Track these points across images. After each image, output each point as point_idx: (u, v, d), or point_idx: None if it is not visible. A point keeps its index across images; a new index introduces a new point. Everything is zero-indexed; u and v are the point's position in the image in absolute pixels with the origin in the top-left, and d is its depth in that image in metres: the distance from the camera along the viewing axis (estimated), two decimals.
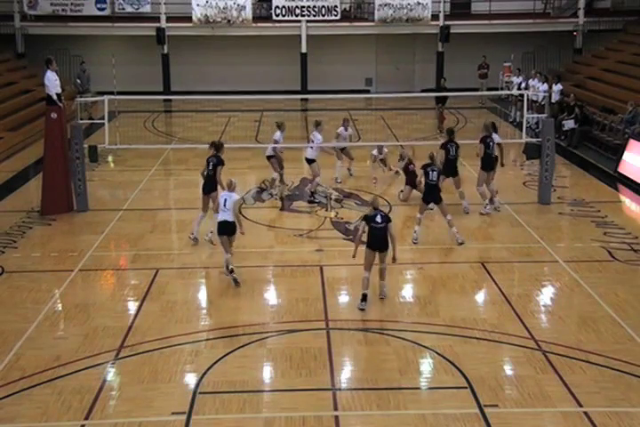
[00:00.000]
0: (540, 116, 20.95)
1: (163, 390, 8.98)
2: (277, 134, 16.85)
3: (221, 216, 12.15)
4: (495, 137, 16.17)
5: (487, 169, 15.63)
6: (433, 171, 13.78)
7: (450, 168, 15.53)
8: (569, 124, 22.27)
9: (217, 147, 14.18)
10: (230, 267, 12.13)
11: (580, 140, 22.01)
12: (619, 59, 27.66)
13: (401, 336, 10.26)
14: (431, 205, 14.19)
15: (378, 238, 11.30)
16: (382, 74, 33.93)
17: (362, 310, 11.16)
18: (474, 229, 14.75)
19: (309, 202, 16.57)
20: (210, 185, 13.82)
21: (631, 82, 24.30)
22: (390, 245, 11.31)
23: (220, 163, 13.88)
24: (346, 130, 18.46)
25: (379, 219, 11.31)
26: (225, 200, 12.09)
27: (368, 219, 11.41)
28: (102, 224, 15.15)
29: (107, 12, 30.77)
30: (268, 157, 17.11)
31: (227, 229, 12.13)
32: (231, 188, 12.25)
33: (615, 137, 20.84)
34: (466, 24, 31.70)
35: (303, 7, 31.04)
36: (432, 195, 13.77)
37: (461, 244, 13.73)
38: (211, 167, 13.82)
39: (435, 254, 13.58)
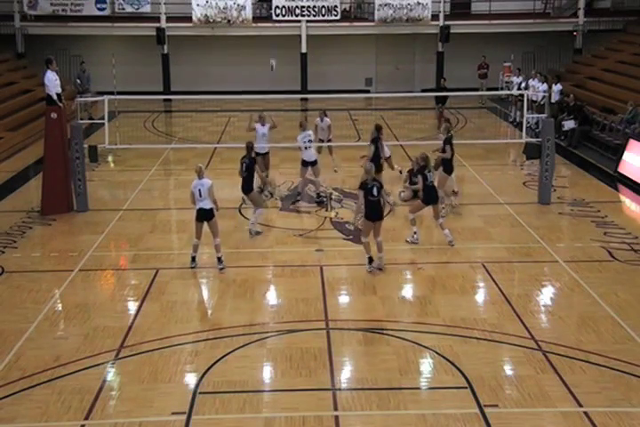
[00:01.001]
0: (539, 116, 20.95)
1: (163, 390, 8.98)
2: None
3: (199, 205, 12.52)
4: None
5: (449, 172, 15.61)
6: (430, 173, 13.75)
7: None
8: (569, 124, 22.27)
9: (248, 148, 14.46)
10: (219, 256, 12.69)
11: (579, 140, 22.02)
12: (619, 59, 27.66)
13: (401, 336, 10.26)
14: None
15: (374, 210, 12.47)
16: (382, 74, 33.94)
17: (370, 272, 12.41)
18: (474, 229, 14.75)
19: (317, 203, 16.45)
20: (247, 185, 14.31)
21: (631, 82, 24.30)
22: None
23: (253, 163, 14.32)
24: (322, 121, 18.55)
25: (375, 192, 12.35)
26: (199, 190, 12.41)
27: (366, 190, 12.36)
28: (102, 224, 15.15)
29: (107, 12, 30.78)
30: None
31: (205, 216, 12.57)
32: (200, 174, 12.54)
33: (615, 137, 20.84)
34: (466, 24, 31.71)
35: (303, 7, 31.05)
36: (432, 196, 13.78)
37: (452, 244, 13.70)
38: (245, 169, 14.19)
39: (435, 254, 13.57)
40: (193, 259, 12.85)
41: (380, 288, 11.93)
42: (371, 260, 12.58)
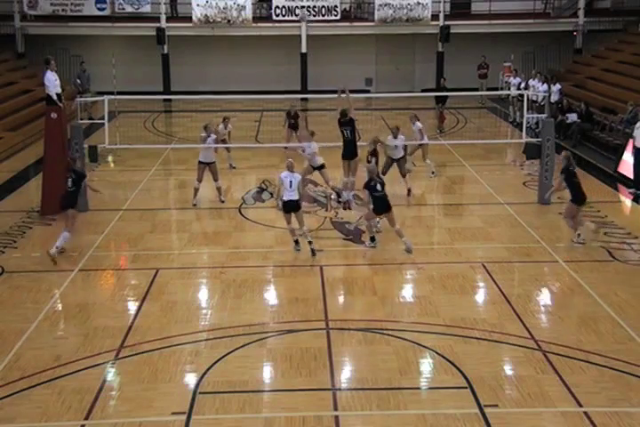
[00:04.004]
0: (539, 116, 20.96)
1: (163, 390, 8.97)
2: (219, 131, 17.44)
3: (288, 196, 13.31)
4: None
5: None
6: (377, 184, 13.42)
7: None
8: (572, 117, 22.34)
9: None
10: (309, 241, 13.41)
11: (580, 138, 22.03)
12: (619, 59, 27.66)
13: (401, 336, 10.26)
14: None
15: (381, 204, 13.36)
16: (382, 74, 33.93)
17: (373, 247, 13.54)
18: (474, 229, 14.76)
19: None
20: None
21: (631, 82, 24.31)
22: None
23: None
24: (225, 127, 18.85)
25: (379, 187, 13.31)
26: (290, 182, 13.24)
27: (370, 188, 13.33)
28: (102, 224, 15.15)
29: (107, 12, 30.77)
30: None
31: (293, 207, 13.41)
32: (291, 168, 13.46)
33: (615, 137, 20.84)
34: (466, 24, 31.71)
35: (303, 7, 31.04)
36: (383, 206, 13.45)
37: (409, 252, 13.39)
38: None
39: (435, 254, 13.57)
40: (297, 242, 13.57)
41: (380, 288, 11.94)
42: (373, 238, 13.66)
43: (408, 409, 8.52)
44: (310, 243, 13.38)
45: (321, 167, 16.57)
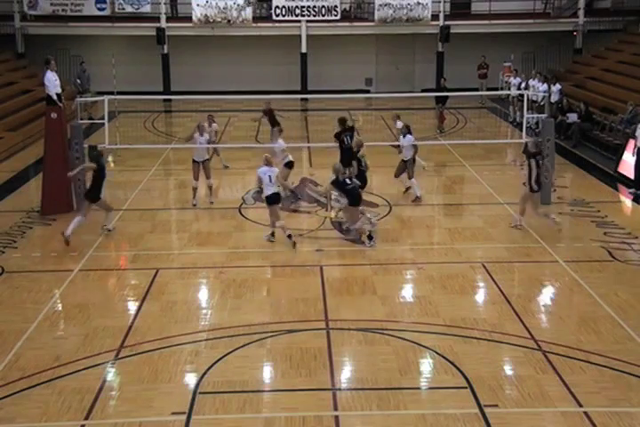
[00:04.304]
0: (540, 116, 20.97)
1: (163, 390, 8.97)
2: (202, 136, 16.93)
3: (270, 190, 13.88)
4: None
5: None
6: (344, 179, 13.90)
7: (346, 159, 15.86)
8: (572, 117, 22.35)
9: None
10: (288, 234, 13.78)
11: (580, 138, 22.04)
12: (619, 59, 27.67)
13: (401, 336, 10.26)
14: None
15: (356, 196, 13.83)
16: (382, 74, 33.94)
17: (373, 246, 13.67)
18: (474, 229, 14.75)
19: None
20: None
21: (631, 82, 24.31)
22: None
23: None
24: (209, 125, 18.61)
25: (348, 181, 13.81)
26: (269, 176, 13.72)
27: (339, 185, 13.80)
28: (102, 224, 15.13)
29: (107, 12, 30.78)
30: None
31: (276, 200, 14.11)
32: (269, 162, 13.90)
33: (615, 137, 20.84)
34: (466, 24, 31.72)
35: (303, 7, 31.04)
36: (357, 198, 14.01)
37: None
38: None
39: (435, 254, 13.58)
40: (272, 234, 14.10)
41: (380, 288, 11.94)
42: (371, 237, 13.80)
43: (408, 409, 8.52)
44: (290, 236, 13.74)
45: (289, 165, 16.63)
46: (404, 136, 16.57)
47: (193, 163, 16.52)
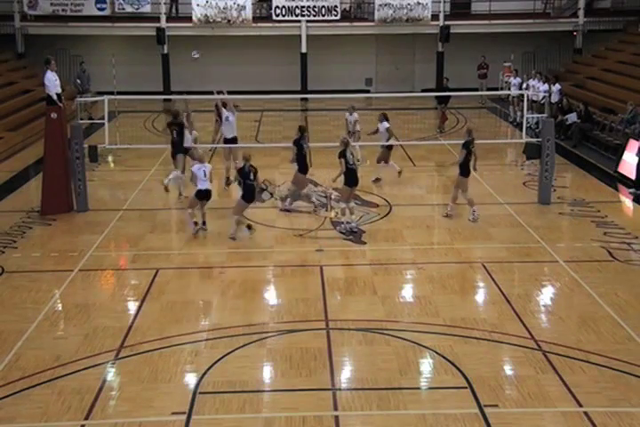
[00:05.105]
0: (540, 116, 20.96)
1: (163, 390, 8.98)
2: (194, 133, 17.30)
3: (203, 185, 14.20)
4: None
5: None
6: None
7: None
8: (572, 117, 22.35)
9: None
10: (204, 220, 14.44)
11: (580, 138, 22.04)
12: (619, 59, 27.66)
13: (401, 336, 10.26)
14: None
15: (353, 176, 14.46)
16: (382, 74, 33.93)
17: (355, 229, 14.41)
18: (474, 229, 14.75)
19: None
20: None
21: (631, 82, 24.30)
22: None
23: None
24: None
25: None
26: (204, 171, 14.07)
27: (344, 156, 14.29)
28: (102, 224, 15.14)
29: (107, 12, 30.76)
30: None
31: (207, 196, 14.47)
32: (202, 159, 14.65)
33: (615, 137, 20.84)
34: (466, 24, 31.71)
35: (303, 7, 31.03)
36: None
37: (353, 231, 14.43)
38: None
39: (435, 254, 13.58)
40: (196, 223, 14.49)
41: (380, 288, 11.94)
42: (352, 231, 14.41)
43: (408, 409, 8.52)
44: (204, 223, 14.52)
45: (232, 141, 17.25)
46: (380, 122, 18.35)
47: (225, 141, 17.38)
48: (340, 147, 14.68)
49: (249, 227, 14.25)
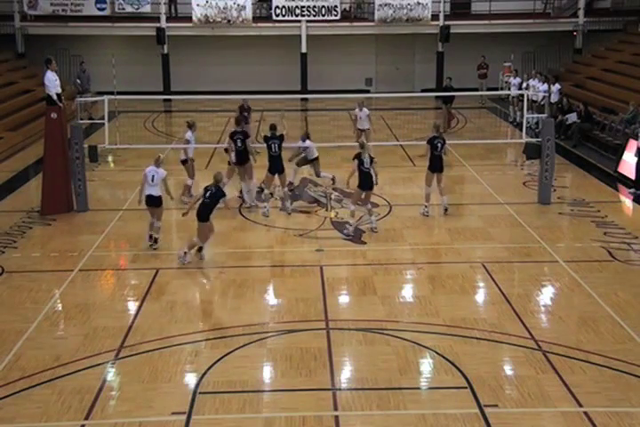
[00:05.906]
0: (540, 116, 20.95)
1: (163, 390, 8.98)
2: (189, 134, 16.63)
3: (149, 191, 13.58)
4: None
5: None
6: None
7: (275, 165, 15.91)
8: (572, 117, 22.35)
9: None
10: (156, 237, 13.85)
11: (580, 138, 22.04)
12: (619, 59, 27.66)
13: (401, 336, 10.26)
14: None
15: (366, 180, 14.31)
16: (382, 74, 33.94)
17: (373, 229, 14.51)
18: (474, 229, 14.76)
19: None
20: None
21: (631, 82, 24.30)
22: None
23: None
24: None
25: (366, 164, 14.14)
26: (153, 176, 13.52)
27: (359, 159, 14.19)
28: (102, 224, 15.15)
29: (107, 12, 30.75)
30: (182, 162, 16.77)
31: (154, 202, 13.75)
32: (157, 163, 13.71)
33: (615, 137, 20.84)
34: (466, 24, 31.70)
35: (303, 7, 31.03)
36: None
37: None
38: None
39: (435, 254, 13.58)
40: (150, 237, 13.85)
41: (380, 288, 11.94)
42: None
43: (408, 409, 8.53)
44: (156, 240, 13.78)
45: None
46: (360, 109, 19.88)
47: (192, 162, 16.94)
48: (359, 149, 14.60)
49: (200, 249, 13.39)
